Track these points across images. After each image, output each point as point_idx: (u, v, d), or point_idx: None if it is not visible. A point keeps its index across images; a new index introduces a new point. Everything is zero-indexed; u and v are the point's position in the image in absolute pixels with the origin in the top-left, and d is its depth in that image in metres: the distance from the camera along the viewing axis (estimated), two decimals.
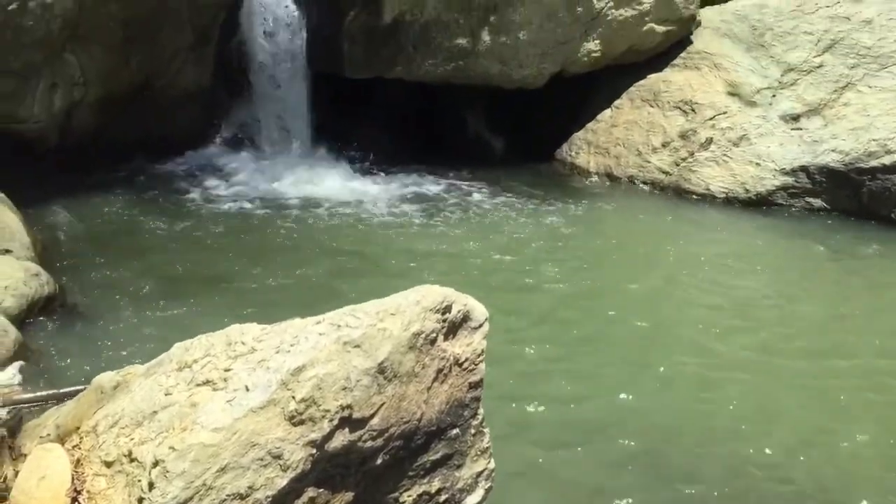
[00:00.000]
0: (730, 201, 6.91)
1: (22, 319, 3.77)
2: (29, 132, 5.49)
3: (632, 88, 7.84)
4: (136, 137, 6.70)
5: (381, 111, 8.25)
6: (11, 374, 2.81)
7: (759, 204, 6.84)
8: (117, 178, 6.34)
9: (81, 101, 5.83)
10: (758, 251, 6.00)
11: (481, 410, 2.19)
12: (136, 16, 5.92)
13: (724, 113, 7.18)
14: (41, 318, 3.97)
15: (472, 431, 2.17)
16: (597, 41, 7.71)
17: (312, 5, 7.64)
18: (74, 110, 5.82)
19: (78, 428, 2.04)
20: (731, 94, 7.25)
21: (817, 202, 6.84)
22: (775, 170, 6.84)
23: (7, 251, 4.22)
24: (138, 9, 5.90)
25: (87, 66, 5.76)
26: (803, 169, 6.81)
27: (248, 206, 6.12)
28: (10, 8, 4.83)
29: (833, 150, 6.79)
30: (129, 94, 6.35)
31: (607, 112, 7.90)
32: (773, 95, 7.18)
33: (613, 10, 7.62)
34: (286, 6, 7.60)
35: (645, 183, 7.33)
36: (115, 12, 5.74)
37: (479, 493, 2.18)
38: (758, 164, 6.90)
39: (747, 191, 6.87)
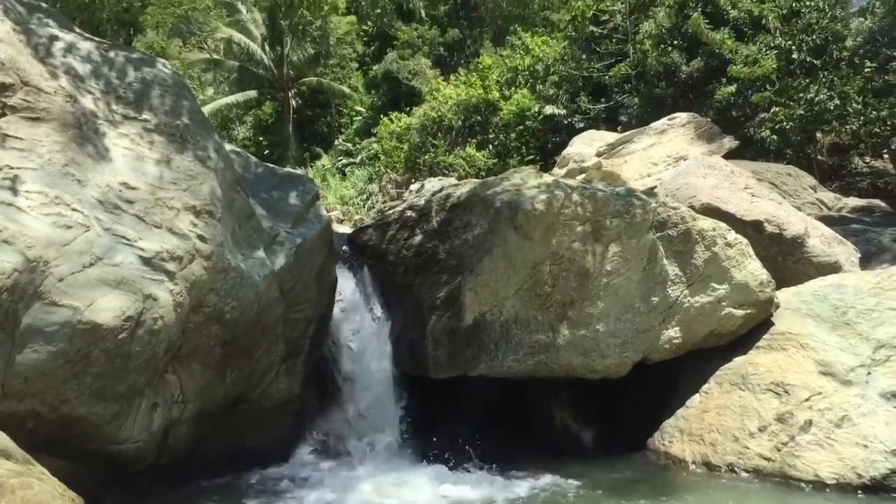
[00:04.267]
0: (843, 487, 6.43)
1: None
2: (127, 452, 5.65)
3: (719, 372, 7.73)
4: (228, 449, 6.84)
5: (468, 407, 8.29)
6: None
7: (875, 490, 6.34)
8: (209, 490, 6.38)
9: (179, 418, 6.05)
10: None
11: None
12: (234, 335, 6.31)
13: (820, 394, 6.93)
14: None
15: None
16: (676, 328, 7.79)
17: (396, 311, 8.05)
18: (172, 427, 6.02)
19: None
20: (824, 374, 7.04)
21: None
22: (886, 451, 6.42)
23: None
24: (237, 328, 6.31)
25: (187, 385, 6.06)
26: None
27: None
28: (121, 336, 5.22)
29: None
30: (223, 408, 6.58)
31: (696, 397, 7.74)
32: (868, 373, 6.95)
33: (689, 298, 7.77)
34: (372, 314, 8.02)
35: (746, 471, 6.95)
36: (216, 333, 6.14)
37: None
38: (865, 445, 6.50)
39: (860, 476, 6.41)
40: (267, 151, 32.68)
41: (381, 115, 27.34)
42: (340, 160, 29.71)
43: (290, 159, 30.61)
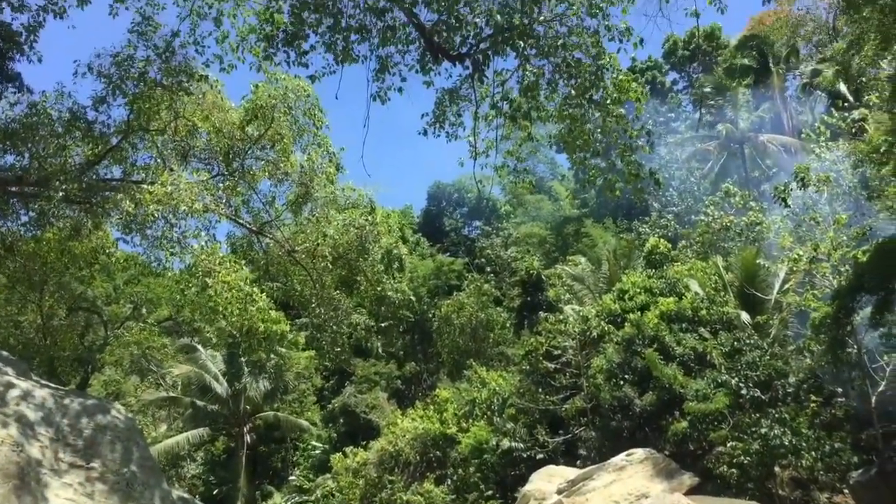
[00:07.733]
0: None
1: None
2: None
3: None
4: None
5: None
6: None
7: None
8: None
9: None
10: None
11: None
12: None
13: None
14: None
15: None
16: None
17: None
18: None
19: None
20: None
21: None
22: None
23: None
24: None
25: None
26: None
27: None
28: None
29: None
30: None
31: None
32: None
33: None
34: None
35: None
36: None
37: None
38: None
39: None
40: (216, 490, 31.46)
41: (337, 452, 26.86)
42: (294, 497, 28.59)
43: (241, 498, 29.41)
